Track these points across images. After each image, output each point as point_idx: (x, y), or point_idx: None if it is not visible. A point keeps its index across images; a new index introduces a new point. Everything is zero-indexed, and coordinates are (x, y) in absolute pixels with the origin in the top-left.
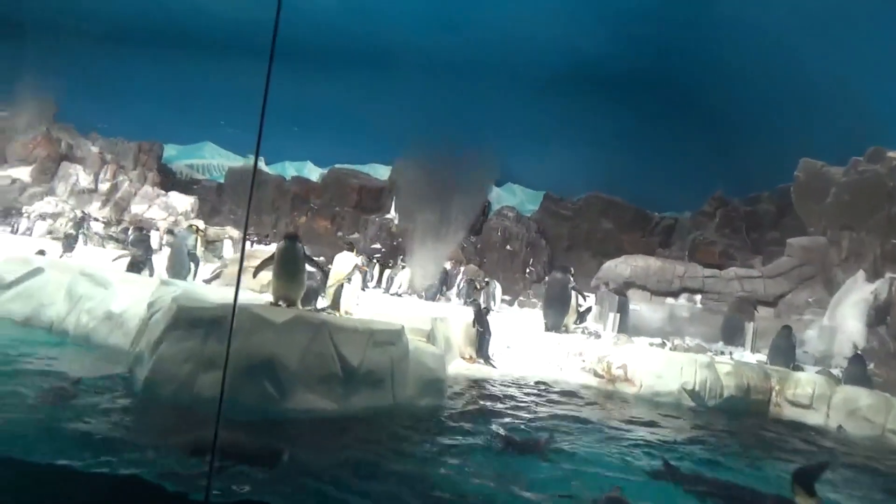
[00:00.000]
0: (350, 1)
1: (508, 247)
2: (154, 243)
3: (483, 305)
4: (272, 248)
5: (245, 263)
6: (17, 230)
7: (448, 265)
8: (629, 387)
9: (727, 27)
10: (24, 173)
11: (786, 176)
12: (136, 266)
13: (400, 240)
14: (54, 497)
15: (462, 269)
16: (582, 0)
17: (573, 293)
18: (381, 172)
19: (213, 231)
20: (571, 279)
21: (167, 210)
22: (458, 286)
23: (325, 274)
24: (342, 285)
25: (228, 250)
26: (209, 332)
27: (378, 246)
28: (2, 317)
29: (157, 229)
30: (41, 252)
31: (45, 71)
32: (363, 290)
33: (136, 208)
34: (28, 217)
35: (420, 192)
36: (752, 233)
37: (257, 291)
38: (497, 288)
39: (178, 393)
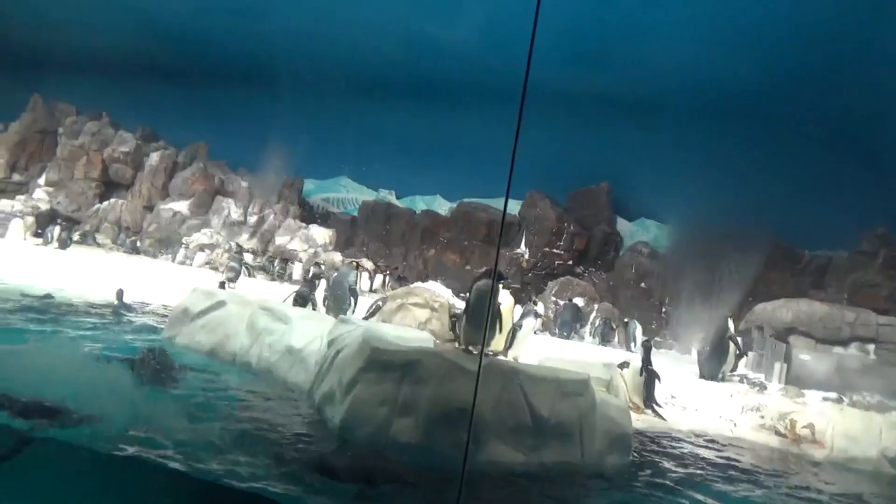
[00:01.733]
0: (488, 36)
1: (643, 284)
2: (296, 274)
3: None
4: (433, 286)
5: (403, 300)
6: (176, 259)
7: (581, 302)
8: (817, 449)
9: (886, 50)
10: (183, 206)
11: None
12: (300, 300)
13: (530, 275)
14: None
15: (596, 306)
16: (727, 30)
17: (731, 341)
18: (510, 206)
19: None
20: (730, 325)
21: (308, 242)
22: (593, 325)
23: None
24: (513, 329)
25: (365, 283)
26: (404, 375)
27: (510, 281)
28: (190, 346)
29: (300, 261)
30: (223, 285)
31: (200, 112)
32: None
33: (280, 240)
34: (187, 247)
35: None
36: None
37: (416, 328)
38: (637, 328)
39: (375, 436)
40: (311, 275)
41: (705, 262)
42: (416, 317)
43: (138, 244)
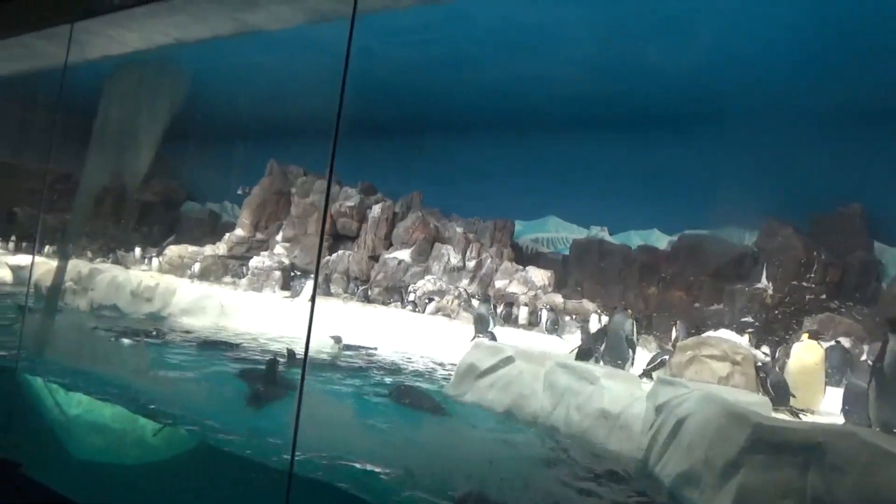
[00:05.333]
0: (701, 59)
1: None
2: (522, 318)
3: None
4: (727, 335)
5: (694, 352)
6: (405, 306)
7: (847, 342)
8: None
9: None
10: (406, 255)
11: None
12: (585, 354)
13: (777, 313)
14: None
15: (866, 347)
16: None
17: None
18: (739, 237)
19: (571, 305)
20: None
21: (526, 284)
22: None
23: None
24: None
25: (594, 325)
26: (808, 460)
27: (750, 319)
28: (481, 405)
29: (526, 304)
30: (492, 337)
31: (411, 162)
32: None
33: (499, 283)
34: (415, 294)
35: None
36: None
37: (715, 384)
38: None
39: None
40: (586, 326)
41: None
42: (714, 371)
43: (369, 293)
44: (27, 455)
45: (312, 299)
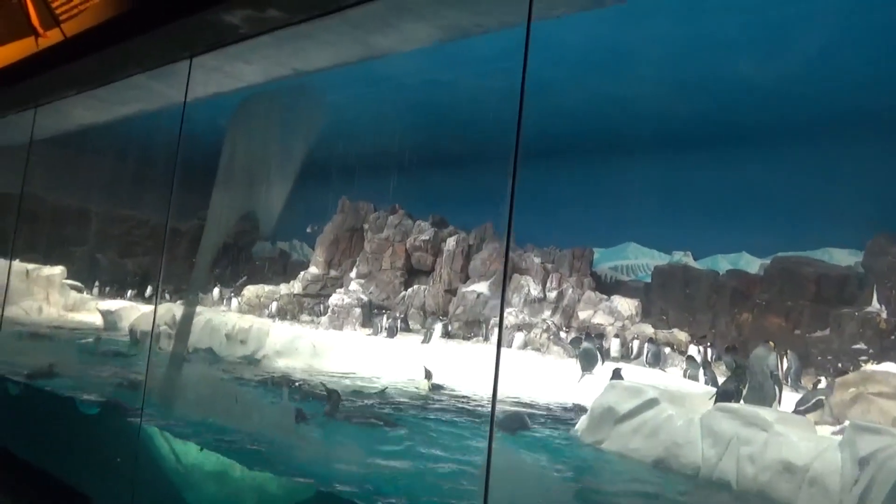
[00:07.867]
0: (790, 68)
1: None
2: (614, 350)
3: None
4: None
5: (859, 389)
6: (491, 341)
7: None
8: None
9: None
10: (484, 287)
11: None
12: (727, 395)
13: (892, 337)
14: None
15: None
16: None
17: None
18: (839, 257)
19: (661, 335)
20: None
21: (612, 315)
22: None
23: None
24: None
25: (697, 358)
26: None
27: (862, 346)
28: (625, 454)
29: (616, 336)
30: (616, 375)
31: (479, 193)
32: None
33: (583, 314)
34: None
35: None
36: None
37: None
38: None
39: None
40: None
41: None
42: (884, 410)
43: (449, 328)
44: None
45: (498, 345)
